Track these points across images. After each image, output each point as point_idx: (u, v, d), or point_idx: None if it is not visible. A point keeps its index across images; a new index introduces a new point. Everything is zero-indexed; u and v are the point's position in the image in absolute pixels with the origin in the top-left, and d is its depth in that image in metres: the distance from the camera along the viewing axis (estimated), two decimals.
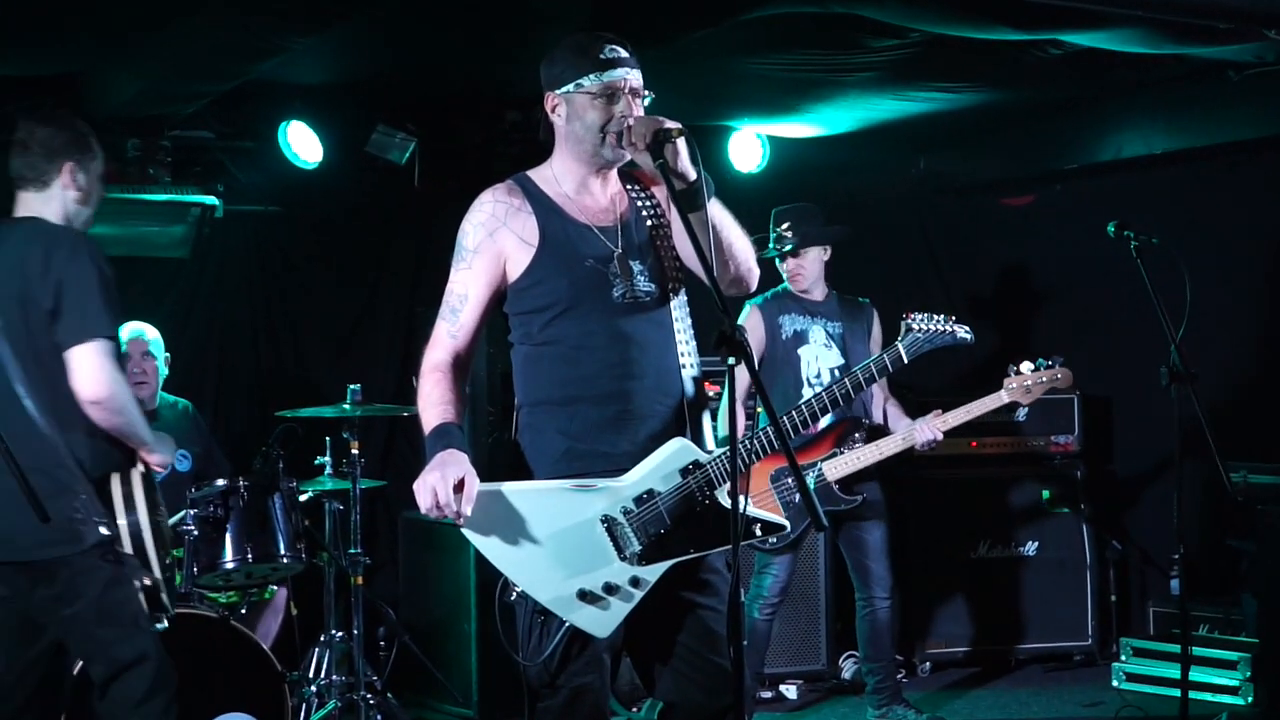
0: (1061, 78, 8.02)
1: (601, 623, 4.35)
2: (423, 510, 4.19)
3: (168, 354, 7.71)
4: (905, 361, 5.84)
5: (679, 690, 4.50)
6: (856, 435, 7.34)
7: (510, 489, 4.36)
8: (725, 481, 4.37)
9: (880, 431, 7.51)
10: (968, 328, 6.24)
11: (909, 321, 6.04)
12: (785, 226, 7.60)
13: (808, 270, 7.64)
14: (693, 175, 4.31)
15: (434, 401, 4.41)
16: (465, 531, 4.32)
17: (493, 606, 4.45)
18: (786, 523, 4.61)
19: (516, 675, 4.50)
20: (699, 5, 6.62)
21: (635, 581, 4.34)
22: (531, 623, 4.40)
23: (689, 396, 4.50)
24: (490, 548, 4.34)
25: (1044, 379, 7.03)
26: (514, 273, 4.45)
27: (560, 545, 4.31)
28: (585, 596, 4.32)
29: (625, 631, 4.42)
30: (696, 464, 4.38)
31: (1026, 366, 7.03)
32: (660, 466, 4.37)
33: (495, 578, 4.41)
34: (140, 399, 7.44)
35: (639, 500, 4.35)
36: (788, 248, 7.56)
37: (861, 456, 7.29)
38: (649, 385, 4.43)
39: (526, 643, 4.42)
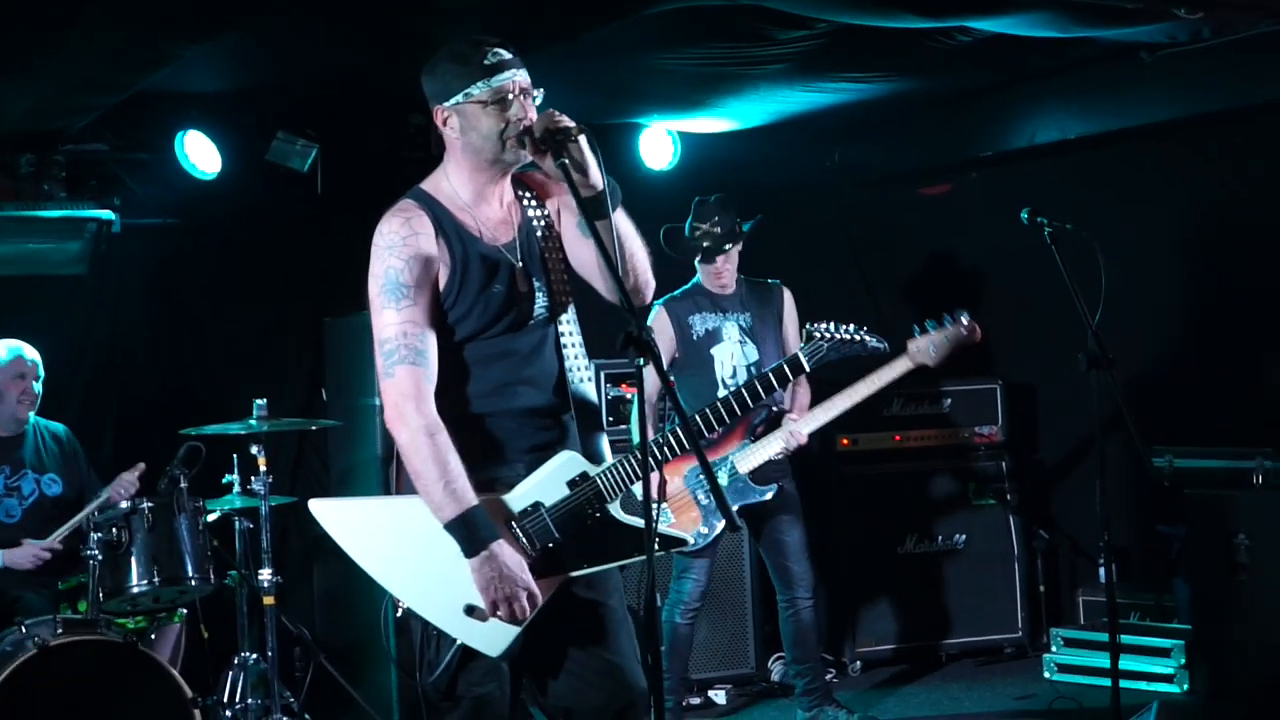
0: (972, 65, 7.98)
1: (494, 640, 4.25)
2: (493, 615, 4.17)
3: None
4: (808, 369, 5.64)
5: (575, 693, 4.41)
6: (763, 425, 7.20)
7: (389, 502, 4.32)
8: (617, 494, 4.32)
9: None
10: (880, 336, 6.00)
11: (812, 329, 5.80)
12: (714, 221, 7.42)
13: (732, 267, 7.50)
14: (599, 183, 4.22)
15: (454, 472, 4.16)
16: (345, 548, 4.26)
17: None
18: (689, 537, 4.52)
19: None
20: (602, 0, 6.51)
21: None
22: (425, 637, 4.32)
23: (580, 409, 4.42)
24: (372, 564, 4.27)
25: (948, 334, 6.74)
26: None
27: (443, 560, 4.19)
28: (473, 612, 4.22)
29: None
30: (584, 476, 4.31)
31: (930, 324, 6.79)
32: (547, 479, 4.30)
33: None
34: (19, 418, 7.31)
35: (524, 514, 4.28)
36: (727, 244, 7.40)
37: (771, 445, 7.15)
38: (540, 401, 4.38)
39: (422, 658, 4.33)
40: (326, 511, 4.33)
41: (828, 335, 5.58)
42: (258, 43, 7.05)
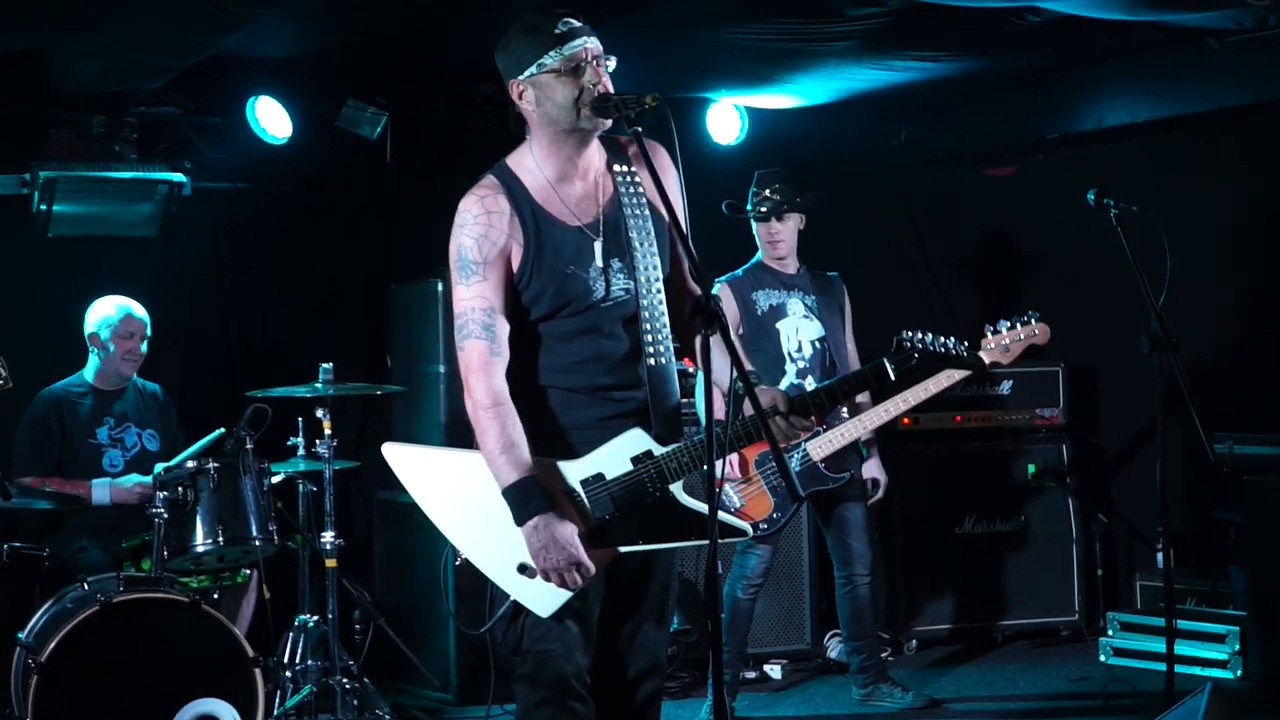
0: (1041, 46, 7.94)
1: (544, 601, 4.30)
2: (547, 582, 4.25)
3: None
4: (893, 379, 5.40)
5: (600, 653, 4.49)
6: (838, 412, 7.24)
7: (458, 455, 4.37)
8: (680, 475, 4.32)
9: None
10: (976, 350, 5.74)
11: (903, 338, 5.47)
12: (774, 189, 7.46)
13: (788, 237, 7.51)
14: None
15: (513, 443, 4.25)
16: (412, 493, 4.39)
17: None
18: (746, 528, 4.48)
19: (493, 658, 4.47)
20: None
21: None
22: (494, 591, 4.39)
23: (657, 389, 4.43)
24: (436, 512, 4.39)
25: (1021, 336, 6.71)
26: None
27: (503, 518, 4.26)
28: (525, 570, 4.28)
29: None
30: (649, 454, 4.32)
31: (1003, 325, 6.79)
32: (612, 453, 4.33)
33: None
34: (123, 375, 7.40)
35: (586, 483, 4.32)
36: (785, 207, 7.43)
37: (845, 433, 7.20)
38: (614, 379, 4.41)
39: (490, 609, 4.40)
40: (399, 455, 4.45)
41: (919, 347, 5.17)
42: (330, 9, 7.09)
